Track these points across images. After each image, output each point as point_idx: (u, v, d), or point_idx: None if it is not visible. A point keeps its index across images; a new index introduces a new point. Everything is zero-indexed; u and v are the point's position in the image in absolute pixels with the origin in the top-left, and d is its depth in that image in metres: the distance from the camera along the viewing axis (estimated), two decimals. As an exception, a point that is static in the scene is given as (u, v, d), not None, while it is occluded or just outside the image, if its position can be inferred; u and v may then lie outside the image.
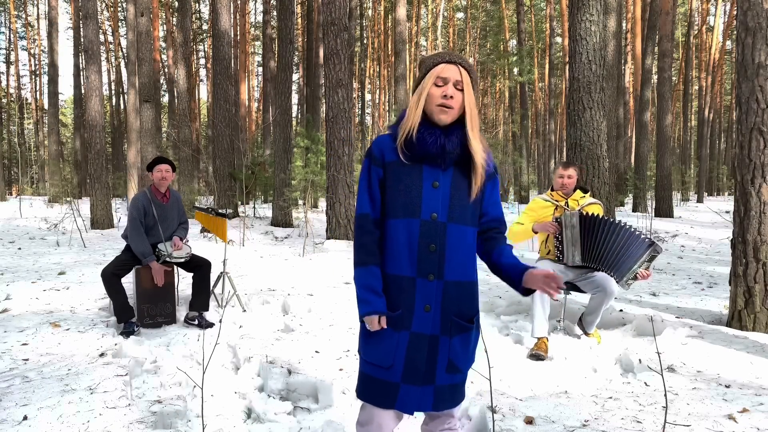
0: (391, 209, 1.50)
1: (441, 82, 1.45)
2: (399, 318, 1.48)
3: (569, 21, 6.26)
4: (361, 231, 1.53)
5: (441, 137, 1.45)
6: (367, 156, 1.54)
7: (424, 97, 1.46)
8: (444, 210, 1.47)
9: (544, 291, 1.43)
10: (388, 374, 1.48)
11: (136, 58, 14.54)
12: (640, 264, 3.23)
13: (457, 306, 1.49)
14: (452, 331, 1.49)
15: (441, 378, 1.48)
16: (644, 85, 15.91)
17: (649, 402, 2.63)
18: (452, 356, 1.49)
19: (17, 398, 2.58)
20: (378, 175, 1.52)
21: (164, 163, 3.92)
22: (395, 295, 1.49)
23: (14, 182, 37.44)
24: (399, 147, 1.49)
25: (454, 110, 1.45)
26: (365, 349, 1.52)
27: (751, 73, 3.71)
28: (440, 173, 1.48)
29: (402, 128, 1.49)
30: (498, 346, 3.43)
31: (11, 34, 34.81)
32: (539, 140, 37.91)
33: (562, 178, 3.64)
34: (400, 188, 1.49)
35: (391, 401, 1.48)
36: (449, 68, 1.45)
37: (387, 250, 1.51)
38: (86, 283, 5.21)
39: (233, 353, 3.24)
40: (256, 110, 37.14)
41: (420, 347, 1.47)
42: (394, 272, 1.49)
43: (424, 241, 1.46)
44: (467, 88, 1.45)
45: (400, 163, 1.50)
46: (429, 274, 1.46)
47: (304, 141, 11.32)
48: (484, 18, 36.96)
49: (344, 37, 8.02)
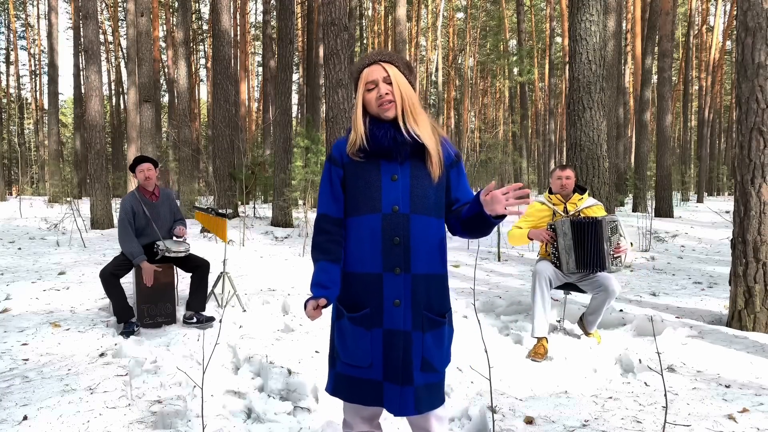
0: (353, 207, 1.51)
1: (372, 86, 1.47)
2: (367, 316, 1.47)
3: (569, 21, 6.26)
4: (317, 231, 1.55)
5: (390, 130, 1.46)
6: (328, 159, 1.57)
7: (361, 106, 1.50)
8: (405, 202, 1.47)
9: (512, 208, 1.37)
10: (369, 372, 1.48)
11: (136, 58, 14.54)
12: (608, 241, 3.30)
13: (426, 300, 1.48)
14: (424, 327, 1.47)
15: (418, 378, 1.46)
16: (644, 85, 15.92)
17: (649, 402, 2.63)
18: (426, 354, 1.47)
19: (17, 398, 2.58)
20: (338, 175, 1.54)
21: (145, 162, 3.93)
22: (362, 293, 1.48)
23: (14, 182, 37.44)
24: (350, 154, 1.51)
25: (394, 102, 1.46)
26: (343, 351, 1.51)
27: (751, 73, 3.71)
28: (398, 166, 1.49)
29: (350, 141, 1.51)
30: (498, 346, 3.43)
31: (11, 34, 34.82)
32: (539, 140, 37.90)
33: (560, 180, 3.63)
34: (359, 185, 1.50)
35: (377, 399, 1.47)
36: (372, 70, 1.48)
37: (351, 249, 1.51)
38: (86, 283, 5.21)
39: (233, 353, 3.24)
40: (256, 110, 37.14)
41: (395, 344, 1.45)
42: (359, 270, 1.49)
43: (388, 235, 1.45)
44: (396, 81, 1.46)
45: (358, 162, 1.51)
46: (395, 267, 1.45)
47: (304, 141, 11.33)
48: (484, 18, 36.96)
49: (344, 37, 8.03)
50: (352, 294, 1.50)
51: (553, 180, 3.69)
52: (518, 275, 6.09)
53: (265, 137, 21.46)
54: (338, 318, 1.54)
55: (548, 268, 3.47)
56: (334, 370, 1.54)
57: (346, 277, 1.52)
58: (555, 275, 3.50)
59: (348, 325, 1.50)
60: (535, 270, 3.46)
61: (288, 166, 11.10)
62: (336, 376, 1.53)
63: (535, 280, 3.43)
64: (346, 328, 1.50)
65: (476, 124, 43.14)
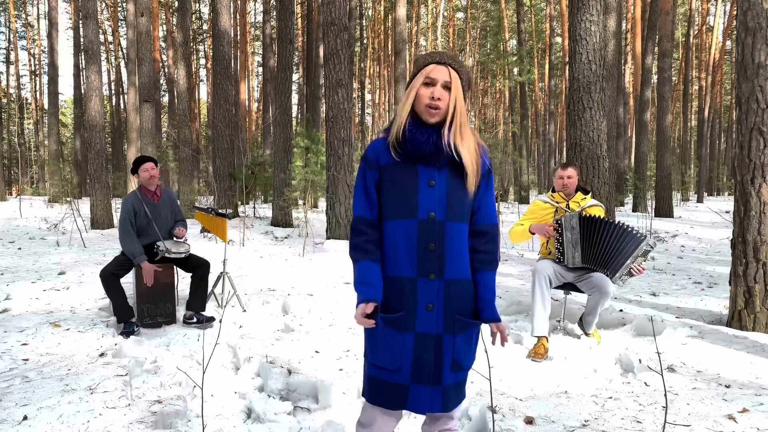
0: (388, 211, 1.51)
1: (429, 81, 1.46)
2: (401, 319, 1.47)
3: (569, 21, 6.26)
4: (354, 233, 1.55)
5: (433, 136, 1.45)
6: (363, 160, 1.56)
7: (413, 96, 1.48)
8: (441, 209, 1.47)
9: (492, 339, 1.56)
10: (396, 377, 1.48)
11: (136, 58, 14.54)
12: (634, 259, 3.25)
13: (459, 304, 1.50)
14: (456, 330, 1.49)
15: (447, 378, 1.49)
16: (644, 85, 15.92)
17: (649, 402, 2.63)
18: (456, 355, 1.50)
19: (17, 398, 2.58)
20: (374, 178, 1.53)
21: (148, 162, 3.92)
22: (396, 296, 1.49)
23: (14, 182, 37.42)
24: (391, 145, 1.50)
25: (441, 111, 1.45)
26: (372, 353, 1.52)
27: (751, 73, 3.71)
28: (436, 172, 1.48)
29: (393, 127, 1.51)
30: (498, 346, 3.43)
31: (11, 33, 34.82)
32: (539, 140, 37.91)
33: (563, 179, 3.64)
34: (396, 189, 1.49)
35: (402, 402, 1.49)
36: (439, 69, 1.46)
37: (386, 253, 1.51)
38: (86, 283, 5.21)
39: (233, 353, 3.24)
40: (256, 110, 37.14)
41: (427, 347, 1.47)
42: (394, 274, 1.49)
43: (423, 241, 1.46)
44: (455, 89, 1.46)
45: (395, 165, 1.50)
46: (430, 273, 1.47)
47: (304, 141, 11.32)
48: (484, 18, 36.96)
49: (344, 37, 8.02)
50: (386, 296, 1.51)
51: (555, 178, 3.70)
52: (518, 275, 6.09)
53: (265, 137, 21.46)
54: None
55: (548, 266, 3.47)
56: (366, 372, 1.56)
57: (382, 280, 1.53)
58: (554, 274, 3.50)
59: (381, 325, 1.50)
60: (535, 269, 3.47)
61: (288, 166, 11.10)
62: (367, 380, 1.54)
63: (534, 278, 3.44)
64: (378, 328, 1.51)
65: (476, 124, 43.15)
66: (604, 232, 3.36)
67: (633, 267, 3.27)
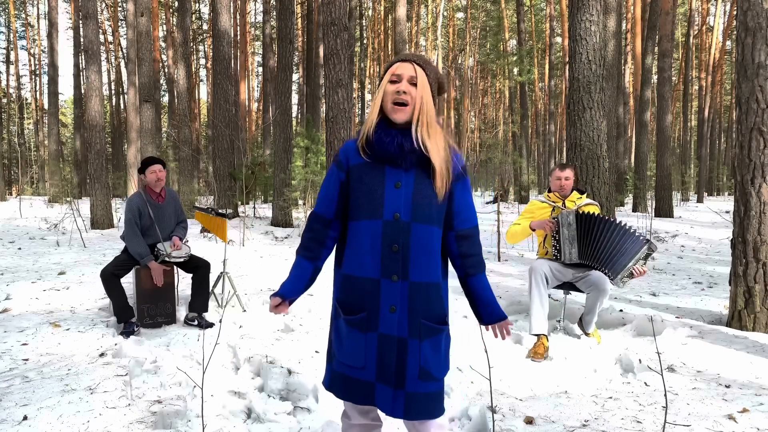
0: (355, 211, 1.51)
1: (396, 78, 1.47)
2: (363, 320, 1.48)
3: (569, 21, 6.26)
4: (305, 228, 1.60)
5: (398, 136, 1.46)
6: (334, 161, 1.57)
7: (380, 96, 1.49)
8: (407, 210, 1.46)
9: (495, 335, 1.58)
10: (362, 373, 1.49)
11: (136, 58, 14.53)
12: (635, 261, 3.26)
13: (425, 308, 1.48)
14: (422, 334, 1.47)
15: (413, 384, 1.46)
16: (644, 85, 15.91)
17: (649, 402, 2.63)
18: (423, 362, 1.47)
19: (17, 398, 2.58)
20: (340, 179, 1.55)
21: (156, 164, 3.92)
22: (359, 296, 1.49)
23: (14, 182, 37.42)
24: (360, 147, 1.51)
25: (408, 107, 1.45)
26: (339, 350, 1.54)
27: (751, 73, 3.71)
28: (403, 173, 1.48)
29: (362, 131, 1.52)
30: (498, 346, 3.43)
31: (11, 34, 34.81)
32: (539, 140, 37.90)
33: (560, 180, 3.65)
34: (363, 190, 1.49)
35: (369, 398, 1.50)
36: (404, 65, 1.47)
37: (351, 252, 1.51)
38: (86, 283, 5.21)
39: (233, 353, 3.24)
40: (256, 110, 37.13)
41: (389, 349, 1.46)
42: (357, 274, 1.49)
43: (387, 242, 1.45)
44: (421, 85, 1.46)
45: (364, 166, 1.51)
46: (392, 274, 1.46)
47: (304, 141, 11.33)
48: (484, 18, 36.96)
49: (344, 37, 8.02)
50: (350, 296, 1.51)
51: (552, 179, 3.71)
52: (518, 275, 6.09)
53: (265, 137, 21.46)
54: (336, 317, 1.57)
55: (544, 265, 3.49)
56: (331, 366, 1.58)
57: (345, 280, 1.53)
58: (552, 273, 3.51)
59: (344, 326, 1.52)
60: (531, 267, 3.48)
61: (288, 166, 11.10)
62: (332, 373, 1.57)
63: (531, 277, 3.45)
64: (342, 329, 1.53)
65: (476, 124, 43.16)
66: (602, 230, 3.37)
67: (634, 269, 3.27)
